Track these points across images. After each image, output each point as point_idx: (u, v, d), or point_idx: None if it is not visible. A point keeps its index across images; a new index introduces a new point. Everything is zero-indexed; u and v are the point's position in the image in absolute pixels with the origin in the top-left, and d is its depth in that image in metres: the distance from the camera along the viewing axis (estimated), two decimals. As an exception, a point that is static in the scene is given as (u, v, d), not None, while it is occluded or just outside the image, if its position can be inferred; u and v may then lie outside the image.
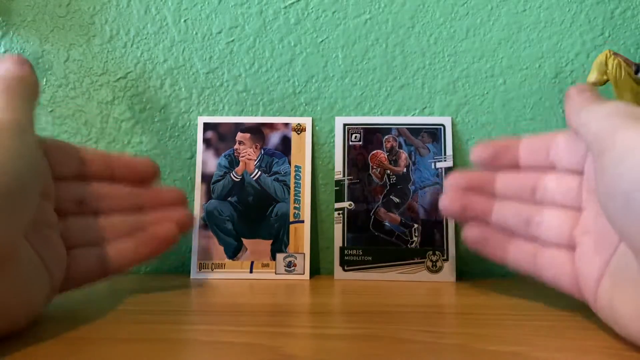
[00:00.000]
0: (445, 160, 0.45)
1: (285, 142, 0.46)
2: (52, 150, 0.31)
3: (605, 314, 0.25)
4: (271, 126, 0.46)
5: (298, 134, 0.46)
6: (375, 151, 0.45)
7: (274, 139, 0.46)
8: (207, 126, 0.46)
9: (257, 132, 0.46)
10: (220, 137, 0.46)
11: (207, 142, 0.46)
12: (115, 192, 0.34)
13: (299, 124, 0.46)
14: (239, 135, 0.46)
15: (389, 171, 0.45)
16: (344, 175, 0.45)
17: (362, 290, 0.38)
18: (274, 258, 0.44)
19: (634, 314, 0.23)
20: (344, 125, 0.46)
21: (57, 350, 0.22)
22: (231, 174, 0.45)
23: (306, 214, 0.44)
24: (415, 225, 0.44)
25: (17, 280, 0.24)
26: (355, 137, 0.46)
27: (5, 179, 0.22)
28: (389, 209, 0.44)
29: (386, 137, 0.46)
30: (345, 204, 0.45)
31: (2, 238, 0.22)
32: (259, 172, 0.45)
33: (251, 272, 0.43)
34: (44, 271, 0.27)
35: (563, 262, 0.29)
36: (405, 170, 0.45)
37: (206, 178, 0.45)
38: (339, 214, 0.44)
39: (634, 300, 0.23)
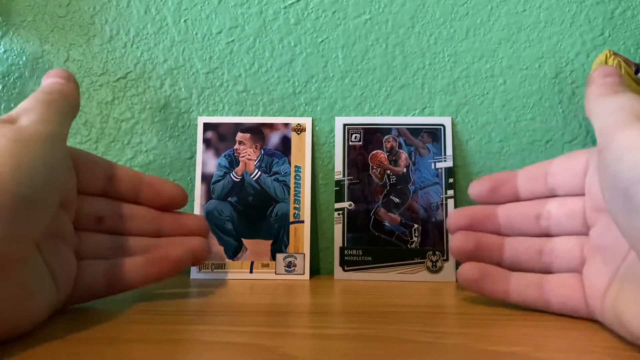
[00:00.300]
0: (445, 161, 0.45)
1: (285, 142, 0.46)
2: (82, 164, 0.31)
3: (611, 318, 0.25)
4: (271, 126, 0.46)
5: (298, 134, 0.46)
6: (375, 151, 0.45)
7: (274, 139, 0.46)
8: (207, 126, 0.46)
9: (257, 132, 0.46)
10: (220, 137, 0.46)
11: (207, 142, 0.46)
12: (137, 214, 0.34)
13: (299, 124, 0.46)
14: (239, 136, 0.46)
15: (389, 171, 0.45)
16: (344, 176, 0.45)
17: (362, 290, 0.38)
18: (274, 258, 0.44)
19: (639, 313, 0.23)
20: (344, 125, 0.46)
21: (57, 350, 0.22)
22: (231, 174, 0.45)
23: (306, 214, 0.44)
24: (415, 226, 0.44)
25: (21, 285, 0.24)
26: (355, 137, 0.46)
27: (26, 189, 0.22)
28: (389, 209, 0.44)
29: (386, 137, 0.46)
30: (345, 204, 0.45)
31: (14, 245, 0.22)
32: (259, 172, 0.45)
33: (251, 272, 0.43)
34: (49, 281, 0.26)
35: (572, 284, 0.29)
36: (405, 170, 0.45)
37: (206, 178, 0.45)
38: (339, 214, 0.44)
39: (639, 299, 0.23)
